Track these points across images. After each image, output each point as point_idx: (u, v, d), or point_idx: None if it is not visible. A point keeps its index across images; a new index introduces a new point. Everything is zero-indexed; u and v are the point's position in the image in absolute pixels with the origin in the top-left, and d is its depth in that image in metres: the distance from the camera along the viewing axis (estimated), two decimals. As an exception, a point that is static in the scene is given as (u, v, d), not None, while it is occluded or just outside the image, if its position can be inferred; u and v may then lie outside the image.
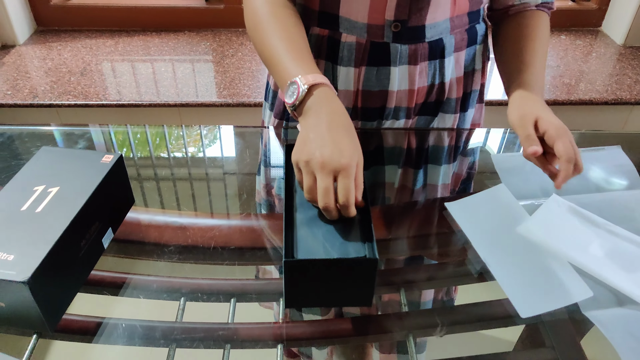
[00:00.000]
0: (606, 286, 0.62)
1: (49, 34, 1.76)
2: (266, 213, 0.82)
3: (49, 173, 0.64)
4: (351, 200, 0.58)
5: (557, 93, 1.48)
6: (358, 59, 0.79)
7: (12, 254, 0.53)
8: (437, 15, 0.76)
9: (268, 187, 0.83)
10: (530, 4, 0.81)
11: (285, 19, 0.73)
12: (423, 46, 0.78)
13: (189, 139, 0.98)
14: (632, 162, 0.80)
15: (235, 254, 0.73)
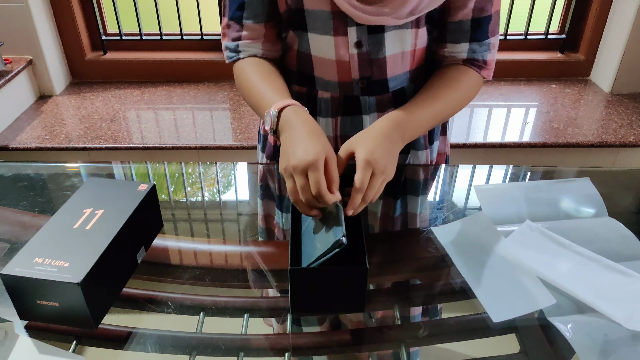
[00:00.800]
0: (569, 297, 0.71)
1: (83, 85, 1.93)
2: (266, 240, 0.92)
3: (95, 198, 0.76)
4: (322, 190, 0.68)
5: (547, 136, 1.60)
6: (334, 110, 0.93)
7: (68, 261, 0.65)
8: (397, 70, 0.89)
9: (266, 218, 0.94)
10: (457, 58, 0.91)
11: (263, 69, 0.87)
12: (388, 96, 0.92)
13: (205, 175, 1.10)
14: (599, 193, 0.90)
15: (247, 275, 0.84)
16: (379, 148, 0.75)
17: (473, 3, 0.86)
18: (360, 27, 0.84)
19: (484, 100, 1.85)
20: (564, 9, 1.94)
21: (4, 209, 0.93)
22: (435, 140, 1.01)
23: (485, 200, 0.89)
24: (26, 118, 1.72)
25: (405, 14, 0.80)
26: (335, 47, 0.86)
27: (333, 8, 0.82)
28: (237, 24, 0.89)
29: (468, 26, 0.88)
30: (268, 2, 0.87)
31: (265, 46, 0.90)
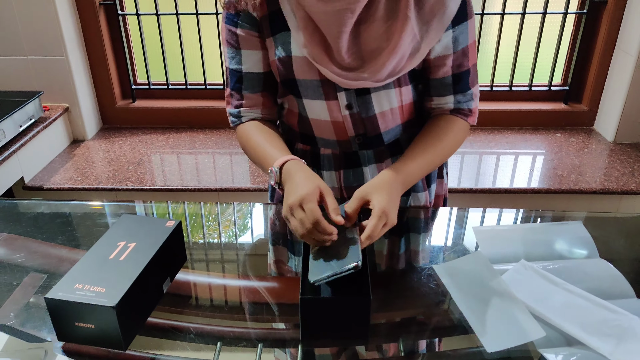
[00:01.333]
0: (559, 330, 0.77)
1: (113, 130, 2.07)
2: (283, 277, 0.98)
3: (128, 233, 0.85)
4: (317, 218, 0.77)
5: (550, 183, 1.67)
6: (336, 165, 1.03)
7: (104, 287, 0.73)
8: (389, 125, 0.99)
9: (277, 263, 1.01)
10: (444, 109, 0.99)
11: (264, 131, 0.98)
12: (384, 148, 1.02)
13: (223, 214, 1.19)
14: (590, 235, 0.97)
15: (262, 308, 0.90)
16: (391, 201, 0.84)
17: (451, 61, 0.95)
18: (348, 91, 0.94)
19: (492, 148, 1.93)
20: (566, 62, 2.04)
21: (42, 243, 1.03)
22: (432, 183, 1.09)
23: (484, 241, 0.96)
24: (60, 160, 1.84)
25: (384, 77, 0.89)
26: (329, 110, 0.96)
27: (321, 77, 0.92)
28: (237, 93, 1.00)
29: (450, 81, 0.97)
30: (263, 75, 0.98)
31: (263, 111, 1.01)
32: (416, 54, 0.90)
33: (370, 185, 0.87)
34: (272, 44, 0.94)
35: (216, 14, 1.96)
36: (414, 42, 0.89)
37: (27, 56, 1.82)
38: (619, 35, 1.87)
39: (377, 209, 0.82)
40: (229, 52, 0.98)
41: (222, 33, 0.99)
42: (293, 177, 0.85)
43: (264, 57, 0.97)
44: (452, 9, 0.88)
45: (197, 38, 2.00)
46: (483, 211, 1.17)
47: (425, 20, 0.88)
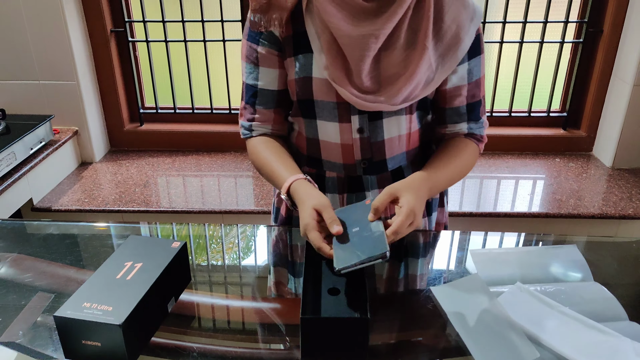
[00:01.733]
0: (552, 351, 0.79)
1: (120, 153, 2.12)
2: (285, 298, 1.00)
3: (135, 253, 0.88)
4: (318, 246, 0.84)
5: (549, 207, 1.69)
6: (340, 188, 1.07)
7: (111, 306, 0.76)
8: (395, 152, 1.03)
9: (277, 285, 1.02)
10: (459, 134, 1.05)
11: (273, 147, 1.04)
12: (387, 174, 1.05)
13: (227, 235, 1.21)
14: (584, 258, 0.99)
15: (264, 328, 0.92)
16: (419, 202, 0.88)
17: (466, 91, 1.00)
18: (361, 115, 0.98)
19: (492, 172, 1.96)
20: (564, 88, 2.08)
21: (51, 263, 1.06)
22: (433, 211, 1.12)
23: (480, 264, 0.99)
24: (68, 182, 1.89)
25: (399, 101, 0.94)
26: (340, 132, 1.00)
27: (338, 99, 0.96)
28: (251, 107, 1.05)
29: (464, 110, 1.03)
30: (277, 93, 1.03)
31: (274, 127, 1.07)
32: (430, 82, 0.95)
33: (400, 183, 0.91)
34: (293, 63, 0.98)
35: (223, 41, 2.02)
36: (429, 71, 0.94)
37: (39, 81, 1.88)
38: (615, 64, 1.91)
39: (406, 207, 0.85)
40: (248, 67, 1.02)
41: (242, 49, 1.03)
42: (298, 203, 0.92)
43: (280, 76, 1.01)
44: (467, 43, 0.95)
45: (204, 64, 2.06)
46: (484, 234, 1.20)
47: (441, 52, 0.94)
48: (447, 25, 0.92)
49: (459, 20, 0.93)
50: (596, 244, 1.17)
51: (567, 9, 1.92)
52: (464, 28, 0.93)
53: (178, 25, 2.01)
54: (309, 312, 0.78)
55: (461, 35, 0.93)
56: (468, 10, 0.94)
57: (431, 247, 1.11)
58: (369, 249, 0.80)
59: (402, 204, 0.86)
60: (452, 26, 0.93)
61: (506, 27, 1.96)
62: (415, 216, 0.86)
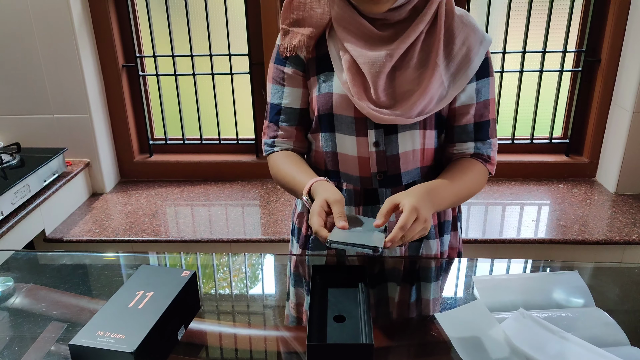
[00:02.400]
0: (555, 377, 0.80)
1: (130, 184, 2.16)
2: (293, 326, 1.02)
3: (147, 282, 0.91)
4: (315, 229, 0.89)
5: (554, 233, 1.71)
6: (356, 200, 1.11)
7: (124, 334, 0.79)
8: (409, 166, 1.07)
9: (297, 307, 1.06)
10: (466, 153, 1.09)
11: (292, 159, 1.09)
12: (402, 188, 1.08)
13: (235, 264, 1.24)
14: (586, 284, 1.00)
15: (272, 357, 0.94)
16: (422, 202, 0.91)
17: (473, 110, 1.06)
18: (378, 130, 1.04)
19: (496, 199, 1.98)
20: (566, 116, 2.12)
21: (64, 293, 1.09)
22: (445, 233, 1.15)
23: (484, 290, 1.00)
24: (79, 213, 1.93)
25: (414, 115, 0.99)
26: (357, 145, 1.05)
27: (356, 114, 1.03)
28: (275, 125, 1.12)
29: (472, 129, 1.08)
30: (300, 111, 1.10)
31: (295, 143, 1.13)
32: (443, 98, 1.01)
33: (399, 193, 0.95)
34: (316, 82, 1.06)
35: (230, 74, 2.08)
36: (442, 88, 1.00)
37: (53, 115, 1.94)
38: (614, 91, 1.95)
39: (408, 205, 0.89)
40: (274, 88, 1.11)
41: (269, 72, 1.11)
42: (315, 199, 0.96)
43: (303, 95, 1.09)
44: (476, 64, 1.02)
45: (213, 96, 2.12)
46: (490, 261, 1.22)
47: (453, 72, 1.01)
48: (457, 47, 1.00)
49: (469, 43, 1.00)
50: (599, 269, 1.19)
51: (564, 38, 1.97)
52: (473, 49, 1.01)
53: (187, 59, 2.07)
54: (314, 339, 0.80)
55: (471, 56, 1.01)
56: (477, 35, 1.01)
57: (443, 271, 1.13)
58: (365, 239, 0.84)
59: (403, 204, 0.90)
60: (463, 48, 1.00)
61: (506, 57, 2.01)
62: (419, 212, 0.89)
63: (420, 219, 0.89)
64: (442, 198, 0.99)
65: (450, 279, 1.13)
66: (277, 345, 0.96)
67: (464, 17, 1.01)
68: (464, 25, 1.00)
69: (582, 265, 1.17)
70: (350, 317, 0.85)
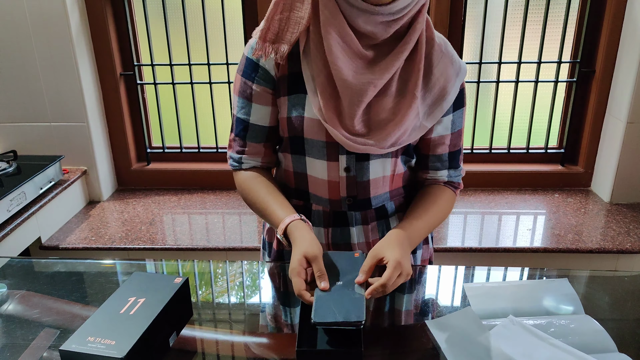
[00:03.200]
0: (544, 384, 0.80)
1: (127, 192, 2.17)
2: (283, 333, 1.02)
3: (138, 289, 0.92)
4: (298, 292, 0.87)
5: (548, 242, 1.71)
6: (325, 222, 1.11)
7: (114, 340, 0.79)
8: (379, 191, 1.07)
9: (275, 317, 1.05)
10: (438, 181, 1.11)
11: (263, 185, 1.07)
12: (371, 212, 1.10)
13: (230, 271, 1.25)
14: (575, 292, 1.01)
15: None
16: (405, 255, 0.93)
17: (449, 140, 1.07)
18: (349, 156, 1.02)
19: (492, 208, 1.99)
20: (561, 126, 2.13)
21: (57, 300, 1.09)
22: (418, 249, 1.17)
23: (474, 297, 1.01)
24: (76, 221, 1.93)
25: (387, 145, 0.98)
26: (328, 170, 1.04)
27: (327, 138, 1.01)
28: (241, 140, 1.09)
29: (446, 158, 1.10)
30: (267, 129, 1.07)
31: (263, 160, 1.11)
32: (417, 130, 1.01)
33: (381, 244, 0.95)
34: (286, 103, 1.02)
35: (228, 83, 2.10)
36: (417, 119, 1.00)
37: (50, 122, 1.95)
38: (609, 102, 1.96)
39: (392, 260, 0.90)
40: (240, 102, 1.06)
41: (235, 84, 1.07)
42: (293, 244, 0.96)
43: (272, 113, 1.06)
44: (452, 97, 1.02)
45: (210, 105, 2.14)
46: (472, 269, 1.22)
47: (429, 103, 1.00)
48: (435, 77, 0.99)
49: (446, 75, 1.00)
50: (591, 278, 1.19)
51: (559, 49, 1.99)
52: (450, 81, 1.00)
53: (185, 68, 2.09)
54: (304, 345, 0.81)
55: (447, 88, 1.00)
56: (455, 66, 1.01)
57: (425, 282, 1.14)
58: (346, 312, 0.82)
59: (387, 259, 0.91)
60: (441, 79, 0.99)
61: (502, 67, 2.03)
62: (402, 267, 0.90)
63: (404, 273, 0.91)
64: (418, 236, 1.02)
65: (439, 287, 1.14)
66: (268, 351, 0.96)
67: (442, 46, 1.00)
68: (442, 55, 0.99)
69: (575, 273, 1.18)
70: (340, 323, 0.85)
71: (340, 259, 0.96)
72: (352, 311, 0.82)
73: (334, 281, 0.90)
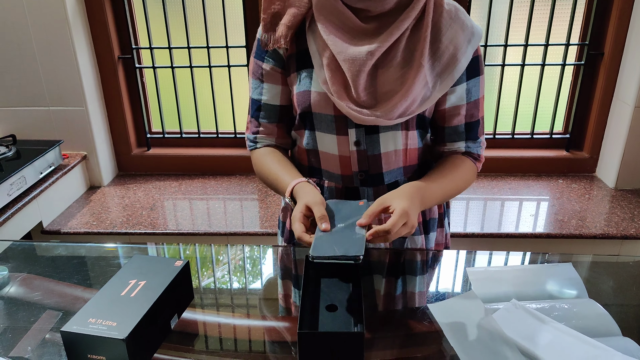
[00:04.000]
0: (547, 367, 0.80)
1: (127, 177, 2.16)
2: (285, 316, 1.03)
3: (139, 271, 0.91)
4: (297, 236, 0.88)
5: (552, 228, 1.70)
6: (338, 198, 1.09)
7: (115, 321, 0.78)
8: (392, 166, 1.06)
9: (285, 297, 1.06)
10: (457, 152, 1.08)
11: (275, 157, 1.08)
12: (383, 187, 1.08)
13: (232, 256, 1.24)
14: (579, 276, 1.00)
15: (264, 346, 0.94)
16: (412, 206, 0.91)
17: (464, 111, 1.04)
18: (358, 129, 1.02)
19: (495, 194, 1.98)
20: (567, 110, 2.11)
21: (59, 283, 1.09)
22: (431, 231, 1.14)
23: (477, 281, 1.00)
24: (77, 206, 1.93)
25: (395, 116, 0.97)
26: (338, 144, 1.04)
27: (335, 112, 1.01)
28: (255, 121, 1.11)
29: (462, 129, 1.06)
30: (279, 108, 1.09)
31: (277, 140, 1.12)
32: (426, 100, 0.99)
33: (390, 194, 0.94)
34: (296, 79, 1.04)
35: (228, 67, 2.08)
36: (425, 89, 0.97)
37: (49, 107, 1.94)
38: (617, 86, 1.94)
39: (399, 209, 0.88)
40: (254, 83, 1.09)
41: (250, 66, 1.09)
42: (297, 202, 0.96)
43: (283, 92, 1.07)
44: (463, 64, 0.98)
45: (210, 89, 2.11)
46: (488, 254, 1.21)
47: (438, 72, 0.97)
48: (444, 45, 0.96)
49: (456, 42, 0.97)
50: (595, 263, 1.18)
51: (568, 31, 1.95)
52: (460, 49, 0.97)
53: (184, 52, 2.07)
54: (306, 327, 0.80)
55: (458, 56, 0.97)
56: (466, 32, 0.98)
57: (429, 265, 1.13)
58: (345, 247, 0.82)
59: (394, 207, 0.89)
60: (450, 47, 0.97)
61: (508, 50, 2.00)
62: (409, 217, 0.88)
63: (409, 224, 0.89)
64: (431, 197, 0.99)
65: (442, 271, 1.13)
66: (269, 334, 0.96)
67: (452, 13, 0.97)
68: (452, 21, 0.96)
69: (578, 258, 1.17)
70: (342, 306, 0.85)
71: (344, 206, 0.95)
72: (351, 247, 0.82)
73: (336, 223, 0.89)
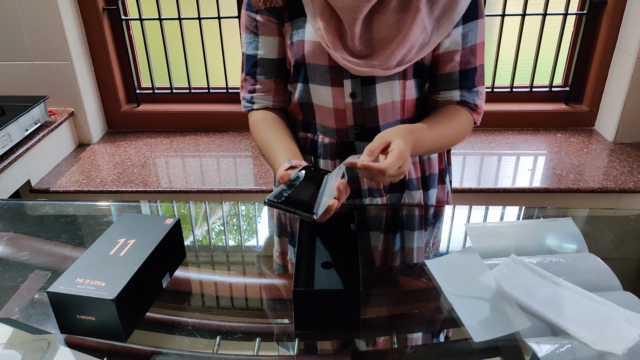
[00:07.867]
0: (545, 321, 0.78)
1: (117, 134, 2.11)
2: (281, 273, 1.01)
3: (128, 230, 0.88)
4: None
5: (549, 182, 1.68)
6: (332, 154, 1.06)
7: (104, 281, 0.76)
8: (388, 119, 1.01)
9: (282, 255, 1.04)
10: (452, 101, 1.02)
11: (274, 126, 1.03)
12: None
13: (226, 213, 1.22)
14: (580, 231, 0.98)
15: (260, 303, 0.93)
16: (407, 150, 0.85)
17: (459, 57, 0.98)
18: (354, 80, 0.97)
19: (492, 149, 1.95)
20: (567, 63, 2.05)
21: (47, 242, 1.06)
22: (431, 187, 1.11)
23: (475, 237, 0.98)
24: (66, 164, 1.88)
25: (392, 66, 0.93)
26: (333, 96, 0.99)
27: (330, 62, 0.96)
28: (252, 78, 1.05)
29: (457, 77, 1.00)
30: (277, 62, 1.03)
31: (275, 98, 1.06)
32: (425, 46, 0.94)
33: (390, 130, 0.88)
34: (290, 28, 0.99)
35: (218, 19, 1.99)
36: (424, 34, 0.93)
37: (32, 61, 1.86)
38: (619, 36, 1.88)
39: (397, 150, 0.83)
40: (247, 37, 1.03)
41: (242, 19, 1.03)
42: None
43: (280, 44, 1.02)
44: (463, 6, 0.92)
45: (200, 42, 2.04)
46: (484, 209, 1.19)
47: (437, 15, 0.92)
48: None
49: None
50: (593, 217, 1.17)
51: (568, -20, 1.88)
52: None
53: (172, 2, 1.98)
54: (301, 285, 0.78)
55: None
56: None
57: (426, 221, 1.10)
58: (303, 204, 0.78)
59: (394, 147, 0.84)
60: None
61: (507, 0, 1.93)
62: (405, 161, 0.84)
63: (403, 169, 0.84)
64: (422, 143, 0.94)
65: (440, 227, 1.11)
66: (264, 292, 0.94)
67: None
68: None
69: (576, 213, 1.15)
70: (338, 263, 0.82)
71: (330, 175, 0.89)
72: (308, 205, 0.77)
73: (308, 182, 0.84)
